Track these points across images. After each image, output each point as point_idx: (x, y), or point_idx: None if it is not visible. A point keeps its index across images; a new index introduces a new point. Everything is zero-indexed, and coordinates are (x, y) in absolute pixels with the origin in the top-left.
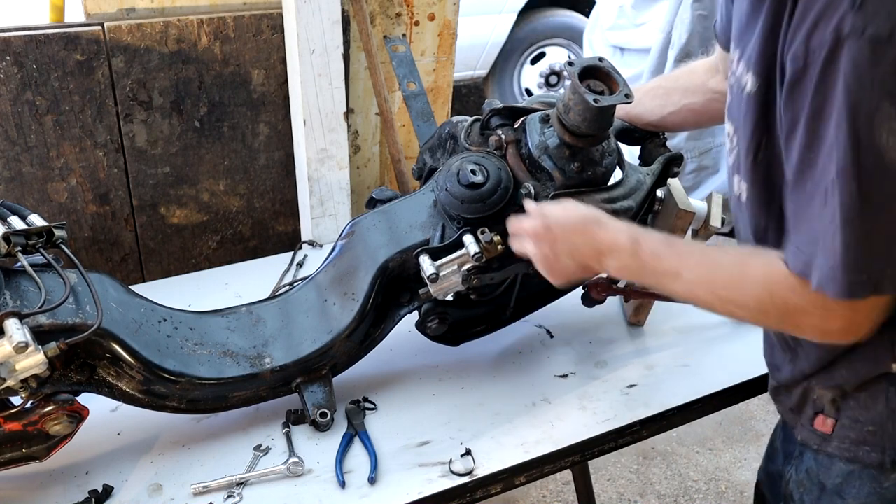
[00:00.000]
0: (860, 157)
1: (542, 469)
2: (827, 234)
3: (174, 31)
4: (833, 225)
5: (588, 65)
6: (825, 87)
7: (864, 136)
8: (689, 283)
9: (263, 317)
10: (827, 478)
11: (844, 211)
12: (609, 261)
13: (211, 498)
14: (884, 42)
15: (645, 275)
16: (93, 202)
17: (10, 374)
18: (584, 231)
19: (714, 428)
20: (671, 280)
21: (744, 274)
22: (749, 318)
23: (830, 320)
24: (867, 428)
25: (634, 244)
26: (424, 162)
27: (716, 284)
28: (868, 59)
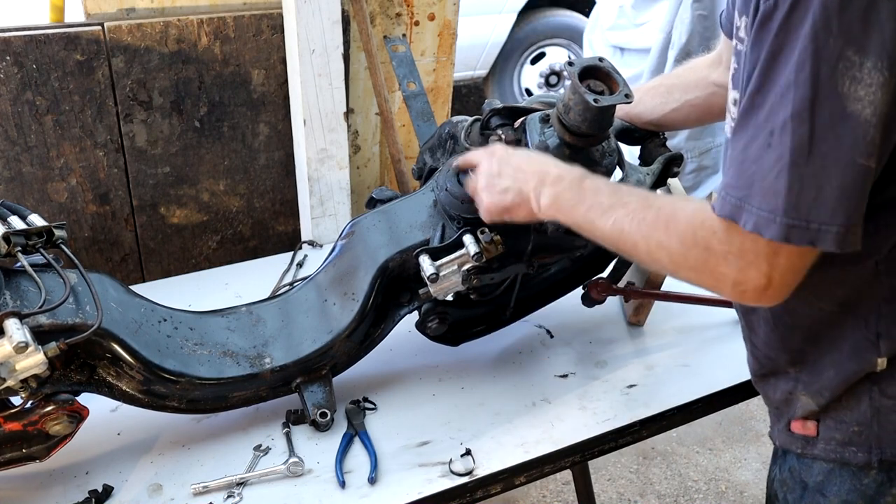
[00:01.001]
0: (819, 101)
1: (542, 469)
2: (768, 175)
3: (174, 31)
4: (778, 166)
5: (588, 65)
6: (789, 27)
7: (826, 81)
8: (619, 219)
9: (263, 317)
10: (808, 476)
11: (794, 153)
12: (548, 188)
13: (211, 498)
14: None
15: (579, 207)
16: (93, 202)
17: (10, 374)
18: (536, 159)
19: (714, 428)
20: (602, 214)
21: (673, 215)
22: (669, 263)
23: (748, 270)
24: (852, 428)
25: (582, 177)
26: (424, 162)
27: (644, 222)
28: (837, 3)
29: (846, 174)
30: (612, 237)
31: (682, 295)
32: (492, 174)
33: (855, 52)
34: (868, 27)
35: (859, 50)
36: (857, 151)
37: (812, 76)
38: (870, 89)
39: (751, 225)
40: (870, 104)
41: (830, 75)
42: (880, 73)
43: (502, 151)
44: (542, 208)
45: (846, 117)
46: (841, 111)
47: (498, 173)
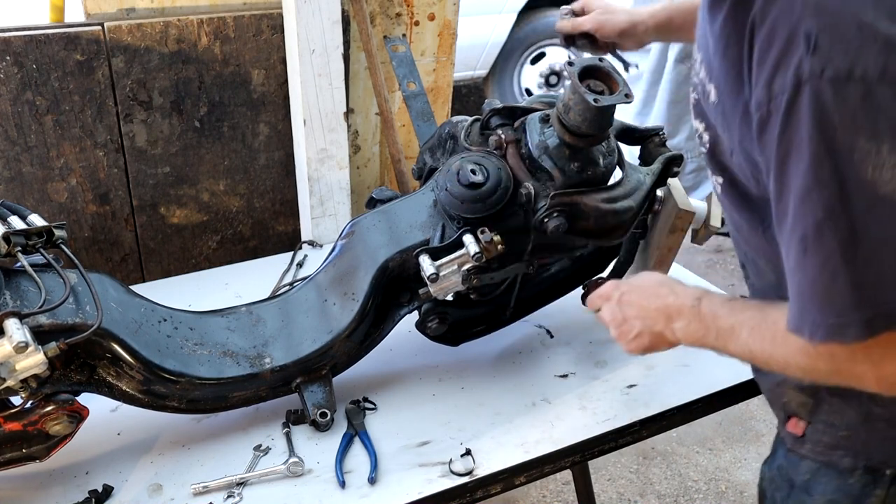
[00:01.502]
0: (848, 194)
1: (542, 469)
2: (822, 279)
3: (174, 31)
4: (830, 268)
5: (588, 65)
6: (791, 131)
7: (850, 175)
8: (744, 342)
9: (263, 317)
10: (796, 475)
11: (843, 251)
12: (676, 323)
13: (211, 498)
14: (844, 80)
15: (708, 333)
16: (93, 202)
17: (10, 374)
18: (654, 293)
19: (714, 428)
20: (729, 340)
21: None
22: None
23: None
24: (841, 433)
25: (696, 303)
26: (424, 162)
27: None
28: (832, 99)
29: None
30: (744, 358)
31: None
32: (617, 320)
33: (867, 139)
34: (872, 113)
35: (871, 137)
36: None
37: (833, 172)
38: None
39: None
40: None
41: (851, 167)
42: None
43: (614, 293)
44: (679, 340)
45: (881, 201)
46: (873, 196)
47: (623, 320)
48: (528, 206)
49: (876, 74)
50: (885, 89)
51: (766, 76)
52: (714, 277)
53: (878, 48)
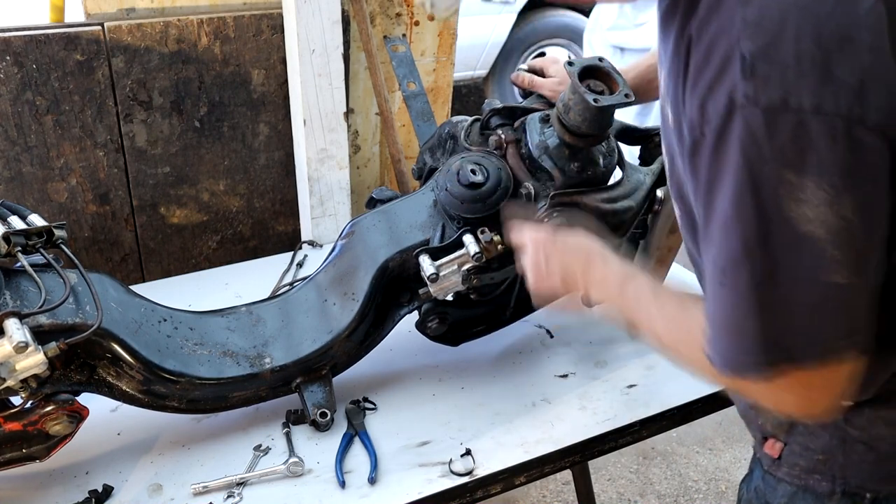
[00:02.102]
0: (770, 232)
1: (542, 469)
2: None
3: (174, 31)
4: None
5: (588, 65)
6: (719, 160)
7: (772, 210)
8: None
9: (263, 317)
10: (773, 498)
11: (756, 292)
12: (594, 293)
13: (211, 498)
14: (778, 110)
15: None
16: (93, 202)
17: (10, 374)
18: (584, 258)
19: (714, 428)
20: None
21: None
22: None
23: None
24: (817, 456)
25: (623, 285)
26: (424, 162)
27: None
28: (763, 128)
29: (814, 294)
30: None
31: None
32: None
33: (794, 173)
34: (801, 148)
35: (798, 171)
36: (820, 271)
37: (754, 206)
38: (818, 209)
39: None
40: (821, 224)
41: (774, 201)
42: (824, 191)
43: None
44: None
45: (800, 240)
46: (793, 235)
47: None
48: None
49: (810, 107)
50: (818, 123)
51: (700, 96)
52: None
53: (815, 79)
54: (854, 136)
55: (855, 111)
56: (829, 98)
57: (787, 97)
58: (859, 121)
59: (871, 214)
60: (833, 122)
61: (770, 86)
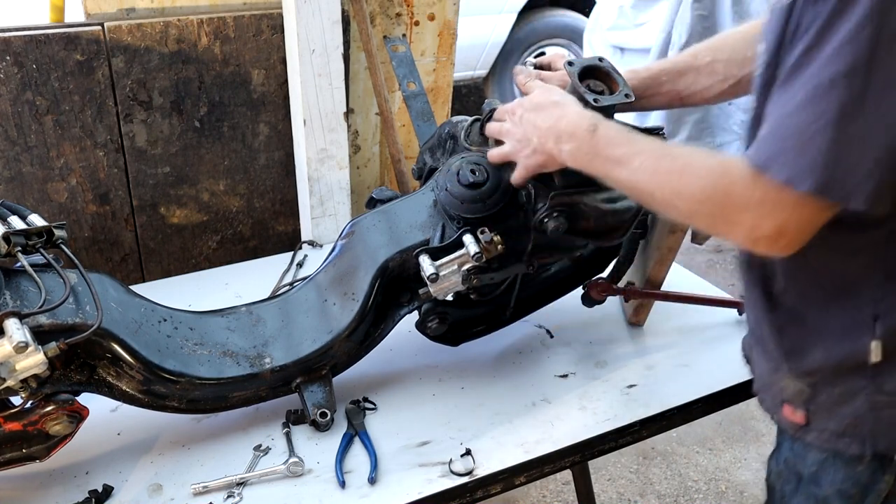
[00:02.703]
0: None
1: (542, 469)
2: (810, 128)
3: (174, 31)
4: (822, 120)
5: (588, 65)
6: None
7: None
8: (635, 169)
9: (263, 317)
10: (803, 467)
11: (842, 109)
12: (565, 144)
13: (211, 498)
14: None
15: (596, 159)
16: (93, 202)
17: (10, 374)
18: (549, 111)
19: (714, 428)
20: (618, 166)
21: (690, 163)
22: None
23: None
24: (847, 420)
25: (592, 128)
26: (424, 162)
27: (660, 170)
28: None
29: (890, 136)
30: (628, 188)
31: (682, 295)
32: (513, 133)
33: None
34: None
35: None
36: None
37: (873, 36)
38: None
39: (784, 176)
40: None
41: (891, 39)
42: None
43: (520, 110)
44: (566, 162)
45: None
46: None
47: (522, 136)
48: (528, 206)
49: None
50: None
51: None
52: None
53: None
54: None
55: None
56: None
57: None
58: None
59: None
60: None
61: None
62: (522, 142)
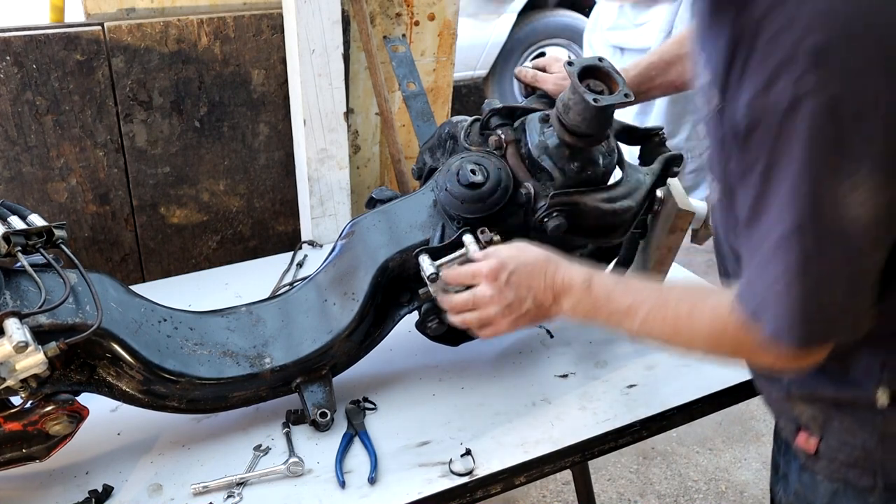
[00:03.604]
0: (821, 213)
1: (542, 469)
2: (778, 285)
3: (174, 31)
4: (786, 277)
5: (588, 65)
6: (782, 143)
7: (826, 193)
8: (644, 320)
9: (263, 317)
10: (815, 498)
11: (801, 265)
12: (564, 300)
13: (211, 498)
14: (841, 103)
15: (599, 313)
16: (93, 202)
17: (10, 374)
18: (541, 271)
19: (714, 428)
20: (626, 318)
21: (691, 315)
22: (702, 353)
23: (777, 357)
24: (857, 452)
25: (587, 282)
26: (424, 162)
27: (666, 323)
28: (827, 118)
29: (854, 274)
30: (640, 337)
31: None
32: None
33: (851, 159)
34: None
35: (855, 157)
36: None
37: (811, 188)
38: (868, 193)
39: (770, 331)
40: (872, 206)
41: (829, 185)
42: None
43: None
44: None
45: (850, 222)
46: (844, 216)
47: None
48: (528, 206)
49: (871, 99)
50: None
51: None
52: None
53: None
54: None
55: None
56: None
57: (851, 89)
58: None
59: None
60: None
61: (835, 78)
62: (513, 306)
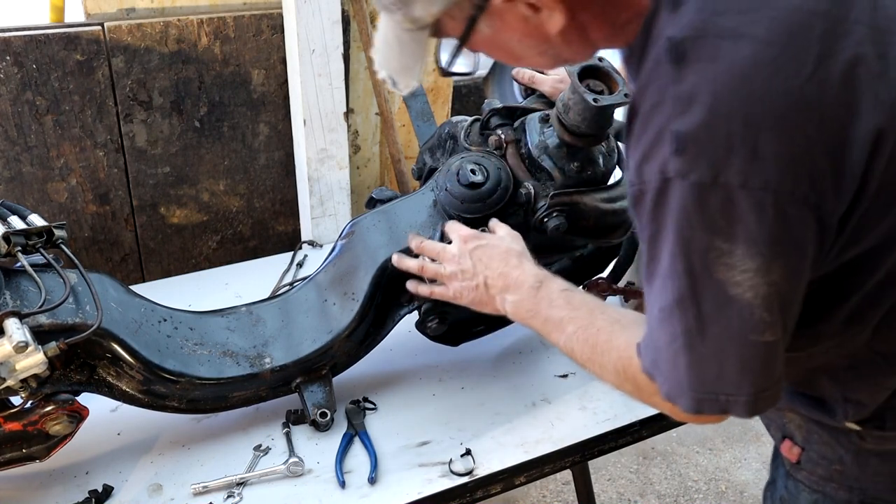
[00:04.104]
0: (699, 290)
1: (542, 469)
2: (668, 351)
3: (174, 31)
4: (675, 346)
5: (588, 65)
6: (658, 220)
7: (701, 272)
8: (569, 336)
9: (263, 317)
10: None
11: (686, 336)
12: (510, 294)
13: (211, 498)
14: (707, 187)
15: (535, 317)
16: (93, 202)
17: (10, 374)
18: (505, 259)
19: (714, 428)
20: (555, 330)
21: (609, 343)
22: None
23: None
24: (834, 466)
25: (537, 284)
26: (424, 162)
27: (587, 343)
28: (694, 201)
29: (743, 351)
30: (563, 351)
31: None
32: (463, 268)
33: (723, 241)
34: (730, 219)
35: (727, 239)
36: (749, 330)
37: (687, 267)
38: (746, 275)
39: (665, 391)
40: (750, 288)
41: (704, 265)
42: (752, 259)
43: (474, 241)
44: (507, 312)
45: (729, 301)
46: (723, 296)
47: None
48: (528, 205)
49: (737, 183)
50: (746, 198)
51: (639, 159)
52: None
53: (743, 157)
54: (781, 208)
55: (784, 185)
56: (757, 174)
57: (716, 174)
58: (788, 193)
59: (798, 278)
60: (761, 197)
61: (699, 163)
62: (467, 273)
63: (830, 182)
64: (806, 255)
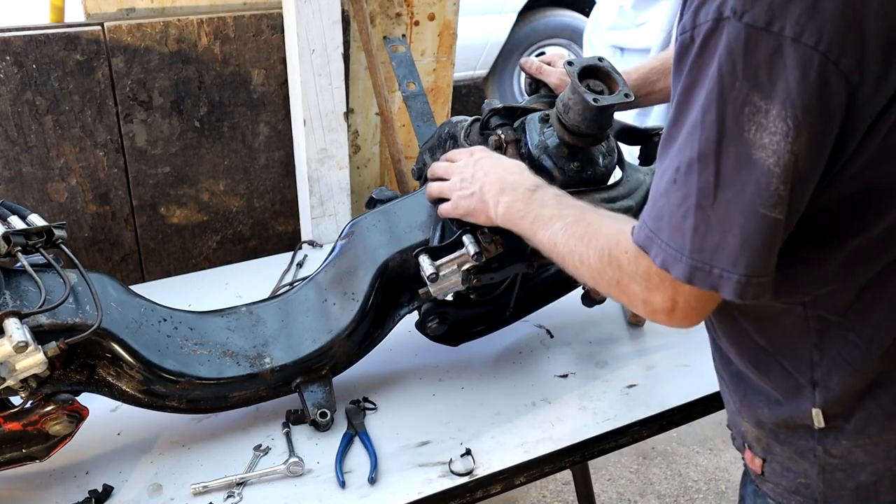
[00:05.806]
0: (724, 145)
1: (542, 469)
2: (676, 213)
3: (174, 31)
4: (685, 206)
5: (588, 64)
6: (701, 65)
7: (731, 125)
8: (554, 232)
9: (263, 317)
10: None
11: (699, 195)
12: (505, 196)
13: (211, 498)
14: (759, 29)
15: (525, 217)
16: (93, 202)
17: (10, 374)
18: (504, 167)
19: (714, 428)
20: (541, 227)
21: (596, 231)
22: (589, 277)
23: (655, 292)
24: (799, 479)
25: (533, 187)
26: (424, 162)
27: (574, 236)
28: (743, 45)
29: (748, 223)
30: (547, 249)
31: None
32: (464, 176)
33: (761, 97)
34: (773, 73)
35: (765, 96)
36: (760, 201)
37: (718, 119)
38: (774, 138)
39: (659, 260)
40: (773, 153)
41: (736, 119)
42: (784, 122)
43: (480, 154)
44: (498, 216)
45: (751, 164)
46: (746, 157)
47: (470, 176)
48: None
49: (791, 34)
50: (795, 52)
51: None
52: None
53: (803, 8)
54: (825, 74)
55: (833, 50)
56: (812, 30)
57: (772, 19)
58: (835, 60)
59: (819, 156)
60: (810, 55)
61: (758, 4)
62: (466, 181)
63: (875, 70)
64: (832, 133)
